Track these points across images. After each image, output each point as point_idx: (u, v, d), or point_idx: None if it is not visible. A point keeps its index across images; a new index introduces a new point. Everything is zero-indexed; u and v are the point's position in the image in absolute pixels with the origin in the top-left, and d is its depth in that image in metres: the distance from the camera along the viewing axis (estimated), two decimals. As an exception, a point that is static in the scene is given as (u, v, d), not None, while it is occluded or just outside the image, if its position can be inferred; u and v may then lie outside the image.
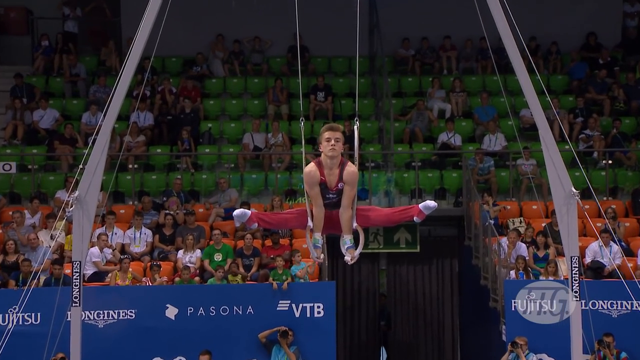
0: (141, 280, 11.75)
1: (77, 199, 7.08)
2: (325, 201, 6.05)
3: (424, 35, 17.14)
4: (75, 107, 16.05)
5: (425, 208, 6.11)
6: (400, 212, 6.22)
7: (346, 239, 6.11)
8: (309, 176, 5.99)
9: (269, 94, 16.13)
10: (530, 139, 14.98)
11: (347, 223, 6.06)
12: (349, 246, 6.09)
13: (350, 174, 5.99)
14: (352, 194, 6.01)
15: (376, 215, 6.22)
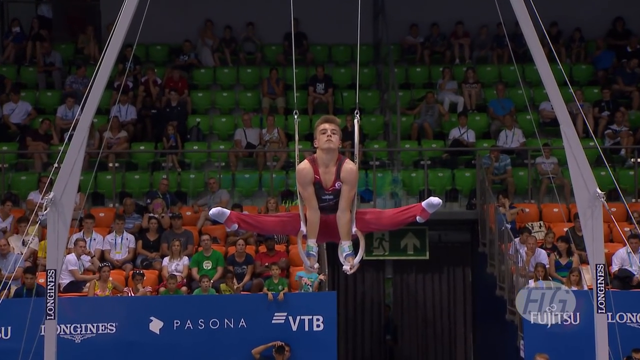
0: (122, 291, 11.74)
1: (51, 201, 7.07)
2: (320, 204, 5.91)
3: (434, 20, 17.14)
4: (50, 99, 16.05)
5: (429, 206, 5.89)
6: (401, 213, 6.05)
7: (344, 245, 5.96)
8: (302, 174, 5.88)
9: (264, 85, 16.13)
10: (551, 135, 14.97)
11: (345, 228, 5.92)
12: (348, 254, 5.95)
13: (348, 171, 5.86)
14: (351, 194, 5.89)
15: (376, 218, 6.06)
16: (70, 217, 7.14)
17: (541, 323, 11.30)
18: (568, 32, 17.04)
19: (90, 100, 7.19)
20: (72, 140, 7.19)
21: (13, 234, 12.51)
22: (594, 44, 17.01)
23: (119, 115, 15.10)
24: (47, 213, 7.07)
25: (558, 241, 12.44)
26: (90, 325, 11.16)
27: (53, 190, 7.12)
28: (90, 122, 7.24)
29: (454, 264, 15.49)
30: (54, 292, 7.07)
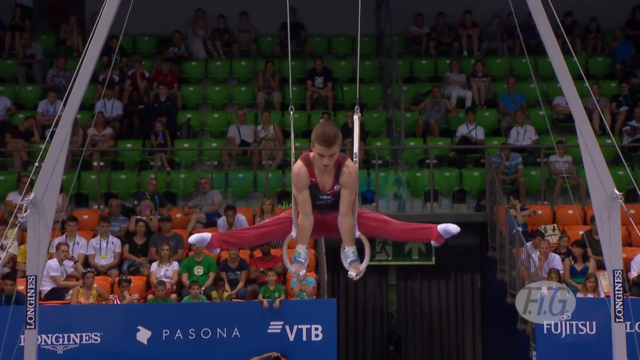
0: (108, 298, 11.74)
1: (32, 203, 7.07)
2: (317, 202, 5.87)
3: (441, 10, 17.16)
4: (30, 94, 16.05)
5: (445, 232, 5.96)
6: (413, 231, 6.02)
7: (348, 251, 5.94)
8: (297, 177, 5.81)
9: (259, 79, 16.13)
10: (565, 132, 14.98)
11: (348, 233, 5.89)
12: (353, 260, 5.93)
13: (348, 175, 5.79)
14: (352, 198, 5.84)
15: (382, 228, 6.01)
16: (52, 220, 7.14)
17: (555, 332, 11.31)
18: (584, 22, 17.05)
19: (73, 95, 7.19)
20: (54, 138, 7.19)
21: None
22: (612, 35, 17.01)
23: (104, 110, 15.10)
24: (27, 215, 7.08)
25: (573, 245, 12.44)
26: (73, 335, 11.15)
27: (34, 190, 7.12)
28: (74, 118, 7.24)
29: (461, 269, 15.49)
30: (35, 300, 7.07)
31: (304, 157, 5.86)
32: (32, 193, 7.11)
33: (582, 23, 17.05)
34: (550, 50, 7.22)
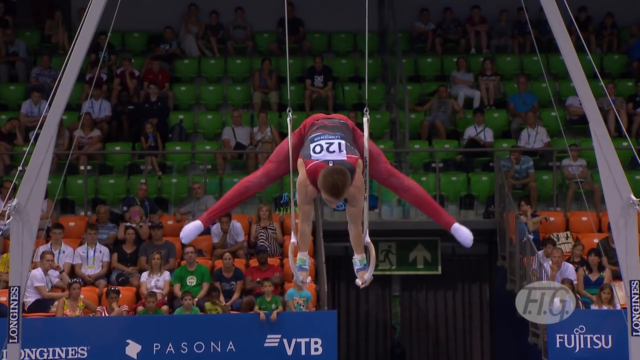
0: (95, 310, 11.74)
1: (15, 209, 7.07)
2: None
3: (447, 5, 17.18)
4: (13, 94, 16.07)
5: (456, 233, 6.15)
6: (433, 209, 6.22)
7: (356, 259, 6.07)
8: (304, 193, 5.88)
9: (255, 78, 16.15)
10: (579, 134, 14.99)
11: (355, 241, 6.01)
12: (359, 268, 6.07)
13: (354, 192, 5.82)
14: (358, 210, 5.93)
15: (400, 189, 6.20)
16: (37, 227, 7.15)
17: (568, 346, 11.31)
18: (598, 18, 17.08)
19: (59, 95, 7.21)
20: (39, 140, 7.21)
21: (-29, 246, 12.51)
22: (628, 31, 17.04)
23: (92, 111, 15.11)
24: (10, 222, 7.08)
25: (589, 254, 12.44)
26: (58, 350, 11.15)
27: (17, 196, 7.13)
28: (59, 119, 7.26)
29: (469, 279, 15.50)
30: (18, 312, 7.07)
31: (310, 172, 5.84)
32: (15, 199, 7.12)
33: (596, 19, 17.07)
34: (563, 47, 7.24)
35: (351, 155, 5.85)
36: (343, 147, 5.86)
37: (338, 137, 5.91)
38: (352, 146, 5.93)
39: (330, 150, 5.84)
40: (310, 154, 5.85)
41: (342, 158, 5.81)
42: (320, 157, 5.82)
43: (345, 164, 5.77)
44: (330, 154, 5.82)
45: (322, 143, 5.87)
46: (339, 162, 5.77)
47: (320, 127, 5.99)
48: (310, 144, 5.90)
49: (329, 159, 5.79)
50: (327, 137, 5.91)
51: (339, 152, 5.84)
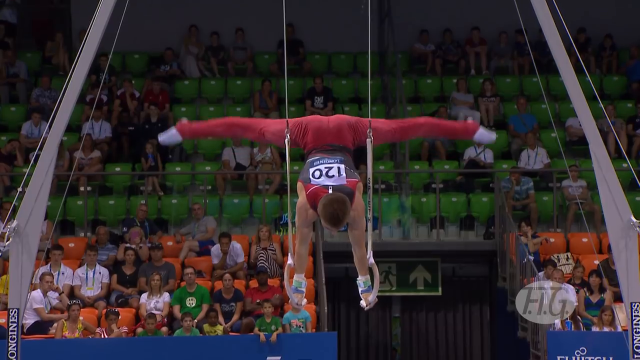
0: (95, 332, 11.71)
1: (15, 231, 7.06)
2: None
3: (447, 26, 17.23)
4: (14, 115, 16.08)
5: (481, 138, 6.37)
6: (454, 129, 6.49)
7: (360, 281, 6.05)
8: (304, 217, 5.88)
9: (255, 98, 16.18)
10: (579, 155, 14.99)
11: (359, 263, 6.00)
12: (363, 290, 6.05)
13: (354, 216, 5.83)
14: (360, 232, 5.93)
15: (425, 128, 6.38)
16: (36, 249, 7.13)
17: None
18: (598, 39, 17.11)
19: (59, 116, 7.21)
20: (39, 162, 7.20)
21: (-29, 267, 12.49)
22: (628, 53, 17.07)
23: (92, 132, 15.12)
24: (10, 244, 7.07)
25: (590, 276, 12.41)
26: (57, 371, 11.12)
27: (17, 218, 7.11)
28: (59, 140, 7.25)
29: (470, 301, 15.47)
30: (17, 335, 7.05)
31: (311, 196, 5.84)
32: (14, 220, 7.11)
33: (596, 40, 17.11)
34: (563, 68, 7.25)
35: (351, 179, 5.85)
36: (342, 171, 5.86)
37: (337, 161, 5.91)
38: (351, 169, 5.94)
39: (330, 174, 5.84)
40: (310, 179, 5.84)
41: (342, 182, 5.81)
42: (319, 182, 5.82)
43: (344, 189, 5.77)
44: (329, 178, 5.82)
45: (322, 168, 5.87)
46: (338, 187, 5.78)
47: (319, 151, 5.99)
48: (310, 168, 5.90)
49: (329, 184, 5.80)
50: (326, 161, 5.90)
51: (339, 176, 5.84)
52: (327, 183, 5.81)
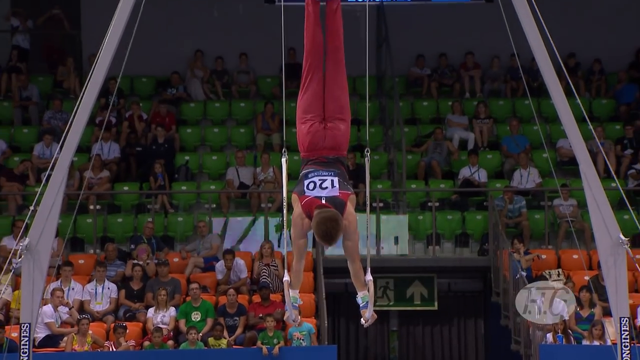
0: (103, 345, 11.68)
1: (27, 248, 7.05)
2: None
3: (442, 51, 17.26)
4: (26, 136, 16.09)
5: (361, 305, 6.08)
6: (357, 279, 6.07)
7: (358, 297, 6.05)
8: (299, 228, 5.89)
9: (258, 120, 16.19)
10: (570, 175, 14.99)
11: (355, 279, 5.99)
12: (362, 306, 6.04)
13: (347, 226, 5.84)
14: (353, 244, 5.92)
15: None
16: (47, 265, 7.12)
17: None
18: (587, 64, 17.14)
19: (70, 138, 7.21)
20: (50, 181, 7.20)
21: (-16, 283, 12.46)
22: (616, 77, 17.10)
23: (101, 153, 15.12)
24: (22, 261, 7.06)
25: (581, 291, 12.38)
26: (67, 383, 11.08)
27: (29, 235, 7.11)
28: (70, 161, 7.25)
29: (465, 315, 15.42)
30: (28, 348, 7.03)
31: (306, 206, 5.85)
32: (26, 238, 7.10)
33: (585, 64, 17.14)
34: (554, 92, 7.25)
35: (343, 191, 5.91)
36: (336, 184, 5.92)
37: (331, 174, 5.97)
38: (345, 182, 5.97)
39: (323, 187, 5.90)
40: (304, 190, 5.91)
41: (335, 194, 5.87)
42: (313, 193, 5.89)
43: (336, 200, 5.83)
44: (323, 190, 5.89)
45: (316, 180, 5.93)
46: (331, 198, 5.84)
47: (314, 163, 6.02)
48: (304, 180, 5.95)
49: (322, 195, 5.85)
50: (320, 173, 5.96)
51: (332, 188, 5.90)
52: (321, 194, 5.87)
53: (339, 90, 6.15)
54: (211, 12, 17.34)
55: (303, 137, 6.12)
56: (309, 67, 6.14)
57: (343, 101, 6.17)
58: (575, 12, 17.07)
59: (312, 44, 6.09)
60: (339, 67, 6.13)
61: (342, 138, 6.15)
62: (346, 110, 6.19)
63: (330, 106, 6.15)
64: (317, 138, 6.09)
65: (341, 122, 6.18)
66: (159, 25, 16.15)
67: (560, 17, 15.72)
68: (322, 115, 6.13)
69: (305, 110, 6.13)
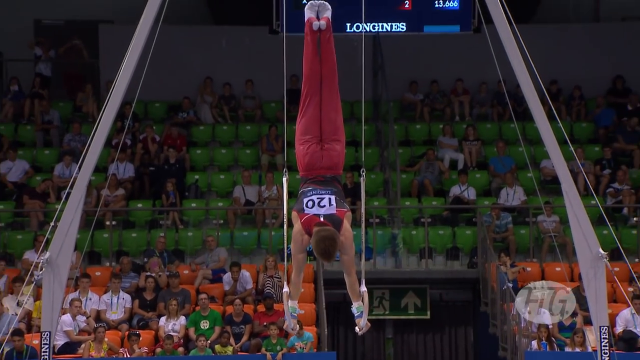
0: (118, 352, 11.64)
1: (47, 261, 7.04)
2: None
3: (434, 77, 17.27)
4: (47, 157, 16.09)
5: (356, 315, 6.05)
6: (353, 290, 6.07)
7: (353, 307, 6.07)
8: (299, 243, 5.92)
9: (263, 142, 16.20)
10: (552, 193, 14.97)
11: (351, 290, 6.01)
12: (357, 315, 6.05)
13: (344, 241, 5.87)
14: (349, 258, 5.94)
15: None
16: (66, 277, 7.11)
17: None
18: (568, 90, 17.16)
19: (88, 159, 7.21)
20: (70, 199, 7.20)
21: (8, 294, 12.40)
22: (594, 102, 17.10)
23: (117, 172, 15.13)
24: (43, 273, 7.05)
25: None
26: (84, 387, 11.03)
27: (49, 249, 7.10)
28: (88, 180, 7.25)
29: (455, 323, 15.36)
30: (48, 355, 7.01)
31: (305, 223, 5.87)
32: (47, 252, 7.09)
33: (566, 91, 17.16)
34: (537, 116, 7.26)
35: (340, 209, 5.93)
36: (333, 202, 5.94)
37: (329, 192, 5.98)
38: (341, 200, 5.99)
39: (321, 205, 5.92)
40: (304, 208, 5.93)
41: (332, 212, 5.89)
42: (312, 211, 5.91)
43: (334, 218, 5.87)
44: (321, 208, 5.90)
45: (314, 198, 5.94)
46: (329, 216, 5.87)
47: (313, 182, 6.04)
48: (304, 198, 5.97)
49: (321, 213, 5.88)
50: (318, 192, 5.97)
51: (329, 206, 5.91)
52: (319, 212, 5.89)
53: (334, 113, 6.15)
54: (220, 42, 17.38)
55: (302, 157, 6.13)
56: (307, 93, 6.15)
57: (338, 123, 6.17)
58: (557, 42, 17.10)
59: (309, 71, 6.11)
60: (333, 92, 6.13)
61: (338, 158, 6.15)
62: (341, 131, 6.19)
63: (327, 128, 6.15)
64: (314, 159, 6.09)
65: (337, 143, 6.16)
66: (171, 54, 16.18)
67: (543, 46, 15.75)
68: (319, 136, 6.13)
69: (304, 132, 6.14)
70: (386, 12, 16.16)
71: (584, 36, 17.43)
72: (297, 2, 15.89)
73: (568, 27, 17.63)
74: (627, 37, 17.33)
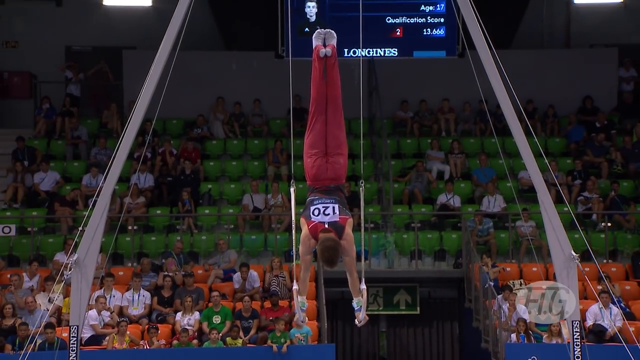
0: (139, 344, 11.62)
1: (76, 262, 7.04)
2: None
3: (423, 97, 17.29)
4: (76, 169, 16.10)
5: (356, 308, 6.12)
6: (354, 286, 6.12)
7: (354, 302, 6.13)
8: (307, 246, 5.99)
9: (269, 155, 16.20)
10: (529, 201, 14.96)
11: (352, 287, 6.07)
12: (356, 309, 6.12)
13: (346, 245, 5.95)
14: (351, 259, 6.00)
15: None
16: (92, 277, 7.12)
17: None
18: (543, 109, 17.17)
19: (112, 170, 7.23)
20: (96, 206, 7.20)
21: (40, 292, 12.41)
22: (566, 120, 17.12)
23: (138, 182, 15.12)
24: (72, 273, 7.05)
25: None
26: (109, 376, 10.99)
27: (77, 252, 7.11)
28: (112, 189, 7.26)
29: (442, 318, 15.34)
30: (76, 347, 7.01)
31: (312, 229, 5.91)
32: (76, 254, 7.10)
33: (541, 109, 17.16)
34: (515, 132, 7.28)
35: (343, 216, 6.01)
36: (337, 210, 6.02)
37: (333, 201, 6.06)
38: (344, 208, 6.04)
39: (326, 213, 6.00)
40: (310, 216, 6.02)
41: (335, 219, 5.98)
42: (318, 219, 5.98)
43: (337, 225, 5.96)
44: (326, 216, 5.99)
45: (320, 207, 6.02)
46: (332, 223, 5.96)
47: (318, 191, 6.08)
48: (310, 206, 6.06)
49: (325, 221, 5.96)
50: (323, 201, 6.05)
51: (333, 214, 6.00)
52: (324, 220, 5.97)
53: (338, 130, 6.23)
54: (230, 65, 17.41)
55: (309, 169, 6.19)
56: (314, 111, 6.23)
57: (342, 138, 6.24)
58: (533, 66, 17.12)
59: (317, 93, 6.18)
60: (338, 111, 6.21)
61: (342, 170, 6.24)
62: (344, 145, 6.26)
63: (332, 142, 6.21)
64: (320, 170, 6.17)
65: (340, 157, 6.24)
66: (187, 77, 16.19)
67: (520, 70, 15.76)
68: (325, 150, 6.19)
69: (311, 146, 6.21)
70: (380, 39, 16.21)
71: (557, 60, 17.46)
72: (301, 30, 15.94)
73: (542, 53, 17.67)
74: (594, 61, 17.36)
